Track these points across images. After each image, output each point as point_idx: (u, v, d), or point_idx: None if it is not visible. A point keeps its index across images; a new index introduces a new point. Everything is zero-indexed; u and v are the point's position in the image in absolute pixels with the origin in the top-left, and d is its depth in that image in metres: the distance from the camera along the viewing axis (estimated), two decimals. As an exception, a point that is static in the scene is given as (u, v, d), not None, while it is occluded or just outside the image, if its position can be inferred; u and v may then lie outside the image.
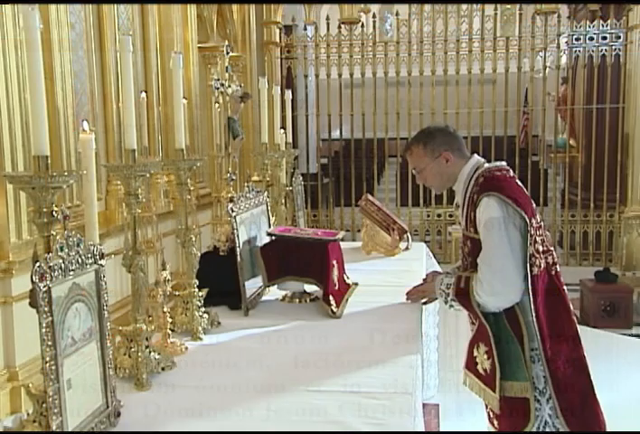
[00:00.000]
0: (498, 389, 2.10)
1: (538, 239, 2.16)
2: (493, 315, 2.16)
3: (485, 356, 2.17)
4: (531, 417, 2.12)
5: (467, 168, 2.29)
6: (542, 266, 2.15)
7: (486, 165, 2.29)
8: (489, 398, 2.15)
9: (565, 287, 2.25)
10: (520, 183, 2.30)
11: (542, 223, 2.26)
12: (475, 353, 2.21)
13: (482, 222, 2.15)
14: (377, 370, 1.84)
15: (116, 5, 2.55)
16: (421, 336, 2.26)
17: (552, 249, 2.27)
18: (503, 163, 2.32)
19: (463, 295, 2.19)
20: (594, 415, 2.18)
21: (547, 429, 2.14)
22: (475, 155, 2.35)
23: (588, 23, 6.66)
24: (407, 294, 2.52)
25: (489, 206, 2.13)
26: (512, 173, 2.29)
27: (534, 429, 2.14)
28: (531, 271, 2.11)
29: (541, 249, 2.16)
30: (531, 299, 2.11)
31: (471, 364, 2.23)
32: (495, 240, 2.11)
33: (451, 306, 2.27)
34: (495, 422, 2.26)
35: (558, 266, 2.26)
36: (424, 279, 2.62)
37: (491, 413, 2.27)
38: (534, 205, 2.26)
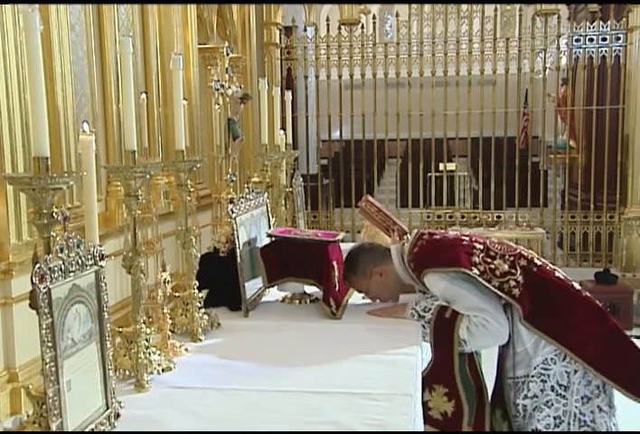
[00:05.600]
0: (466, 428, 2.09)
1: (495, 261, 2.18)
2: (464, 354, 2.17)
3: (445, 398, 2.14)
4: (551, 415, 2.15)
5: (397, 264, 2.37)
6: (520, 279, 2.16)
7: (405, 246, 2.34)
8: None
9: (558, 274, 2.26)
10: (438, 234, 2.34)
11: (487, 242, 2.27)
12: (427, 398, 2.13)
13: (440, 297, 2.24)
14: (376, 371, 1.84)
15: (116, 6, 2.54)
16: (421, 337, 2.26)
17: (519, 248, 2.28)
18: (414, 231, 2.41)
19: (444, 323, 2.18)
20: None
21: (578, 422, 2.15)
22: (390, 246, 2.42)
23: (587, 24, 6.66)
24: (369, 313, 2.42)
25: (432, 282, 2.22)
26: (426, 235, 2.34)
27: (564, 426, 2.15)
28: (514, 296, 2.13)
29: (506, 268, 2.17)
30: (525, 324, 2.14)
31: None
32: (463, 300, 2.17)
33: (422, 326, 2.25)
34: None
35: (536, 259, 2.26)
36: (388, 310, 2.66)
37: None
38: (467, 237, 2.29)
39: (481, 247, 2.23)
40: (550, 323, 2.17)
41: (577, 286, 2.27)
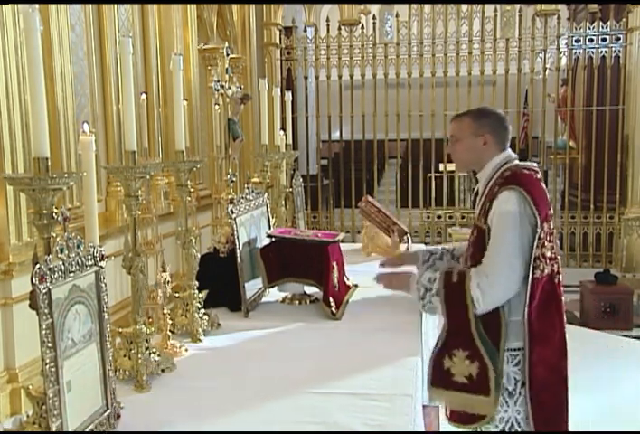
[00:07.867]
0: (494, 389, 2.06)
1: (547, 244, 2.15)
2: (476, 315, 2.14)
3: (467, 361, 2.07)
4: (494, 415, 2.11)
5: (498, 159, 2.28)
6: (546, 272, 2.14)
7: (517, 161, 2.30)
8: (482, 406, 2.05)
9: (563, 299, 2.25)
10: (544, 186, 2.31)
11: (554, 231, 2.25)
12: (448, 365, 2.09)
13: (496, 213, 2.13)
14: (377, 371, 1.84)
15: (116, 6, 2.54)
16: (421, 338, 2.26)
17: (558, 258, 2.27)
18: (534, 163, 2.33)
19: (454, 289, 2.11)
20: (562, 426, 2.15)
21: (513, 430, 2.12)
22: (510, 149, 2.35)
23: (587, 24, 6.66)
24: (377, 278, 2.29)
25: (508, 199, 2.12)
26: (539, 174, 2.29)
27: (499, 430, 2.12)
28: (533, 273, 2.10)
29: (548, 254, 2.15)
30: (527, 301, 2.10)
31: (442, 379, 2.11)
32: (508, 234, 2.09)
33: (429, 302, 2.14)
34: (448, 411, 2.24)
35: (561, 276, 2.25)
36: (399, 258, 2.55)
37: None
38: (551, 211, 2.26)
39: (552, 227, 2.21)
40: (533, 326, 2.14)
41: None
